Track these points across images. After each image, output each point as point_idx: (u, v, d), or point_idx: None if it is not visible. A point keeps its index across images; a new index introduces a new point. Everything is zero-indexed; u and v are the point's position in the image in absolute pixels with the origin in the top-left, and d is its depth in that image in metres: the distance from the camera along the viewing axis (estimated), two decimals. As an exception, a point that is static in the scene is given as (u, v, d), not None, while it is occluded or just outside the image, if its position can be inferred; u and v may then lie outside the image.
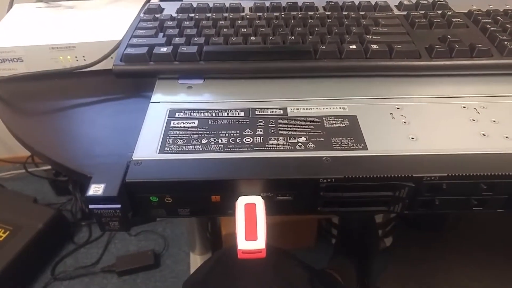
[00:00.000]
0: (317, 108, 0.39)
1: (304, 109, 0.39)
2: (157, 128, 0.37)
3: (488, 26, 0.46)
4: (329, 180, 0.31)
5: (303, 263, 0.61)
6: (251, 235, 0.29)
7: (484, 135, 0.36)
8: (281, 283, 0.54)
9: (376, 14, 0.49)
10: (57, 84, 0.47)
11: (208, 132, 0.36)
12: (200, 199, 0.33)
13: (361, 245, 0.97)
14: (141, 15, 0.50)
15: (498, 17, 0.47)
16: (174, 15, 0.50)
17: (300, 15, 0.49)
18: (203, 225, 1.04)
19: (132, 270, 1.09)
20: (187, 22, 0.47)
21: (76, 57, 0.48)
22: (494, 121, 0.37)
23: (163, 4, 0.52)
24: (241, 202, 0.31)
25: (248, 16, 0.49)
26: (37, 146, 0.39)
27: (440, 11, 0.49)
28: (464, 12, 0.50)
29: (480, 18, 0.47)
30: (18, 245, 1.03)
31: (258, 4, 0.52)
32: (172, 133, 0.36)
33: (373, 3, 0.51)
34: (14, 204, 1.15)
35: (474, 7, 0.50)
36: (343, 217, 1.01)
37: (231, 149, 0.34)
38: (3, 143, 1.34)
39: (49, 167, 1.31)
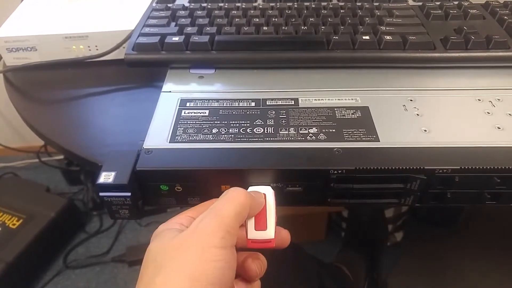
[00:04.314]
0: (329, 99, 0.38)
1: (315, 100, 0.38)
2: (168, 118, 0.37)
3: (505, 17, 0.45)
4: (339, 171, 0.31)
5: (312, 257, 0.61)
6: (260, 225, 0.29)
7: (499, 128, 0.35)
8: (288, 276, 0.54)
9: (390, 5, 0.49)
10: (70, 73, 0.48)
11: (218, 122, 0.36)
12: (210, 188, 0.33)
13: (370, 239, 0.97)
14: (154, 4, 0.50)
15: (516, 9, 0.46)
16: (187, 4, 0.49)
17: (313, 5, 0.48)
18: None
19: (142, 260, 1.10)
20: (199, 12, 0.47)
21: (88, 46, 0.48)
22: (510, 114, 0.36)
23: (175, -6, 0.52)
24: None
25: (260, 6, 0.48)
26: (49, 134, 0.40)
27: (456, 2, 0.49)
28: (481, 3, 0.49)
29: (498, 9, 0.46)
30: (31, 233, 1.05)
31: (271, -6, 0.51)
32: (183, 122, 0.36)
33: (387, -6, 0.50)
34: (27, 193, 1.17)
35: (491, -2, 0.49)
36: (352, 211, 1.01)
37: (242, 139, 0.34)
38: (17, 132, 1.36)
39: (61, 156, 1.33)
